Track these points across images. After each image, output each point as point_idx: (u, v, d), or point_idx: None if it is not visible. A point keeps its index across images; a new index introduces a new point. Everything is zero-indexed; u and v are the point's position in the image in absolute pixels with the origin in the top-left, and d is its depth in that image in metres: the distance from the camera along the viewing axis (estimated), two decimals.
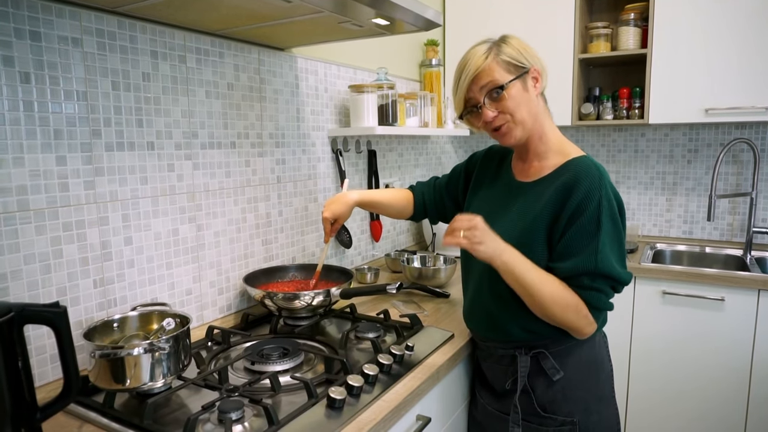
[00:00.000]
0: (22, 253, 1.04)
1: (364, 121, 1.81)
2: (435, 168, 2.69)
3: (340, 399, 0.97)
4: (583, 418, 1.14)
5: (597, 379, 1.17)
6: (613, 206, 1.07)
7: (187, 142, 1.36)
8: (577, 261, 1.06)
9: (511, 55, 1.11)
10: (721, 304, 1.97)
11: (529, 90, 1.13)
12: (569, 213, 1.07)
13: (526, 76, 1.12)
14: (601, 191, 1.05)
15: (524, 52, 1.12)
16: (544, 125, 1.17)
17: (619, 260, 1.07)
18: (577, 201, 1.06)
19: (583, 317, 1.07)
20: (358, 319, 1.48)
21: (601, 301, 1.07)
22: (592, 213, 1.05)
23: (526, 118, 1.13)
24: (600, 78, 2.64)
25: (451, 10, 2.61)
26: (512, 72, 1.11)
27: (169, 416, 0.98)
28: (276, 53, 1.63)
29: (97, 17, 1.14)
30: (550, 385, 1.14)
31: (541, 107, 1.16)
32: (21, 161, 1.03)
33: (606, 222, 1.05)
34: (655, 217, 2.61)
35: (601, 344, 1.21)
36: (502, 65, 1.11)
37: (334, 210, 1.39)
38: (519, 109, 1.12)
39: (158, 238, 1.30)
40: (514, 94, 1.11)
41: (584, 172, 1.08)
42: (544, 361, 1.14)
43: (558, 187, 1.10)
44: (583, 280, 1.06)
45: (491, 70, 1.11)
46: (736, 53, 2.05)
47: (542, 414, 1.14)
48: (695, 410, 2.06)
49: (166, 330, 1.07)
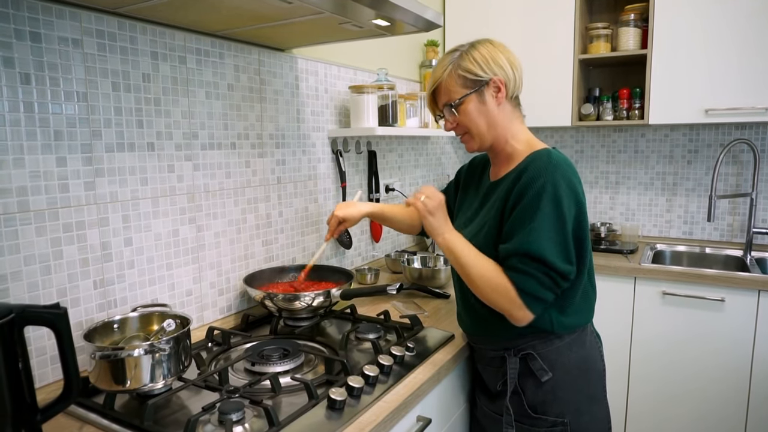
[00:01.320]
0: (23, 254, 1.04)
1: (364, 122, 1.81)
2: (435, 168, 2.69)
3: (340, 400, 0.97)
4: (574, 418, 1.14)
5: (587, 380, 1.17)
6: (558, 192, 1.04)
7: (187, 143, 1.36)
8: (511, 242, 1.06)
9: (468, 69, 1.12)
10: (721, 304, 1.97)
11: (487, 102, 1.13)
12: (515, 197, 1.07)
13: (484, 89, 1.13)
14: (547, 176, 1.04)
15: (485, 63, 1.11)
16: (512, 129, 1.17)
17: (556, 247, 1.04)
18: (523, 185, 1.06)
19: (510, 300, 1.05)
20: (358, 319, 1.48)
21: (530, 286, 1.04)
22: (533, 195, 1.04)
23: (482, 131, 1.15)
24: (600, 78, 2.64)
25: (451, 11, 2.61)
26: (468, 86, 1.13)
27: (170, 417, 0.97)
28: (276, 54, 1.63)
29: (98, 18, 1.14)
30: (539, 386, 1.15)
31: (506, 114, 1.16)
32: (21, 162, 1.03)
33: (546, 206, 1.03)
34: (655, 217, 2.61)
35: (593, 344, 1.21)
36: (459, 80, 1.13)
37: (346, 212, 1.43)
38: (474, 123, 1.15)
39: (158, 239, 1.30)
40: (468, 110, 1.14)
41: (534, 160, 1.09)
42: (533, 362, 1.14)
43: (512, 179, 1.11)
44: (513, 260, 1.06)
45: (447, 86, 1.15)
46: (736, 54, 2.05)
47: (533, 415, 1.15)
48: (695, 411, 2.06)
49: (167, 331, 1.07)
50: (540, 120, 2.45)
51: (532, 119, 2.46)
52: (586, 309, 1.18)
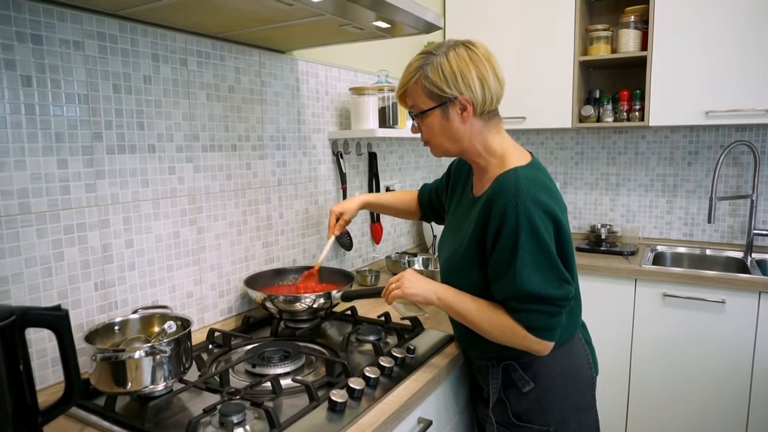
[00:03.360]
0: (24, 256, 1.04)
1: (364, 124, 1.81)
2: (435, 170, 2.69)
3: (341, 402, 0.97)
4: (560, 427, 1.13)
5: (574, 389, 1.16)
6: (534, 222, 0.99)
7: (188, 145, 1.36)
8: (501, 285, 1.05)
9: (434, 82, 1.05)
10: (721, 306, 1.97)
11: (450, 119, 1.07)
12: (492, 235, 1.04)
13: (448, 106, 1.06)
14: (518, 209, 0.99)
15: (453, 79, 1.04)
16: (484, 143, 1.11)
17: (548, 278, 1.01)
18: (496, 223, 1.02)
19: (522, 338, 1.04)
20: (359, 321, 1.48)
21: (537, 321, 1.02)
22: (508, 234, 1.01)
23: (444, 144, 1.12)
24: (600, 80, 2.64)
25: (451, 12, 2.62)
26: (433, 100, 1.07)
27: (171, 419, 0.97)
28: (277, 56, 1.63)
29: (99, 20, 1.14)
30: (522, 396, 1.14)
31: (476, 129, 1.09)
32: (22, 164, 1.03)
33: (525, 241, 1.00)
34: (656, 219, 2.61)
35: (580, 353, 1.18)
36: (424, 91, 1.07)
37: (343, 205, 1.46)
38: (435, 136, 1.11)
39: (159, 240, 1.30)
40: (431, 123, 1.10)
41: (502, 187, 1.03)
42: (514, 373, 1.14)
43: (482, 205, 1.07)
44: (511, 303, 1.04)
45: (413, 93, 1.09)
46: (736, 55, 2.05)
47: (518, 423, 1.14)
48: (696, 413, 2.05)
49: (168, 333, 1.07)
50: (540, 122, 2.45)
51: (533, 121, 2.47)
52: (571, 324, 1.16)
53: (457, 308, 1.10)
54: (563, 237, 1.05)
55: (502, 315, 1.05)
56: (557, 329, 1.05)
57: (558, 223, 1.03)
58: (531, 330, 1.03)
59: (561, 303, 1.03)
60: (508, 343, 1.07)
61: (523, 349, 1.06)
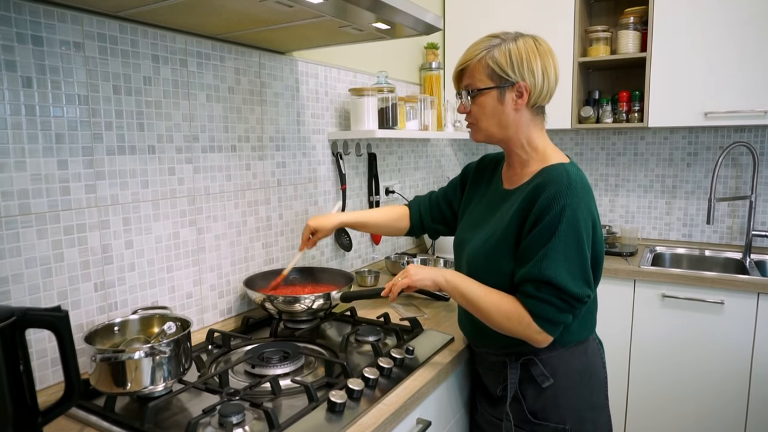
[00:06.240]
0: (24, 257, 1.04)
1: (364, 125, 1.81)
2: (435, 171, 2.70)
3: (340, 403, 0.97)
4: (575, 425, 1.13)
5: (590, 387, 1.16)
6: (577, 216, 1.02)
7: (188, 146, 1.36)
8: (526, 267, 1.05)
9: (498, 62, 1.08)
10: (720, 307, 1.97)
11: (505, 103, 1.10)
12: (533, 219, 1.05)
13: (506, 90, 1.09)
14: (566, 199, 1.01)
15: (518, 64, 1.07)
16: (529, 135, 1.13)
17: (573, 272, 1.02)
18: (541, 206, 1.03)
19: (526, 325, 1.04)
20: (358, 322, 1.48)
21: (546, 312, 1.03)
22: (551, 219, 1.02)
23: (491, 129, 1.13)
24: (600, 81, 2.65)
25: (451, 13, 2.62)
26: (493, 80, 1.09)
27: (170, 420, 0.98)
28: (276, 57, 1.63)
29: (99, 22, 1.14)
30: (540, 392, 1.14)
31: (524, 119, 1.12)
32: (23, 165, 1.03)
33: (564, 230, 1.01)
34: (655, 220, 2.62)
35: (595, 352, 1.19)
36: (486, 70, 1.09)
37: (318, 221, 1.42)
38: (485, 117, 1.12)
39: (159, 241, 1.31)
40: (484, 103, 1.11)
41: (553, 177, 1.05)
42: (533, 368, 1.14)
43: (528, 193, 1.08)
44: (527, 287, 1.04)
45: (474, 71, 1.11)
46: (736, 57, 2.06)
47: (533, 420, 1.14)
48: (695, 413, 2.06)
49: (167, 333, 1.07)
50: None
51: None
52: (590, 321, 1.18)
53: (465, 291, 1.10)
54: (597, 241, 1.08)
55: (511, 301, 1.06)
56: (561, 326, 1.07)
57: (596, 228, 1.07)
58: (536, 318, 1.04)
59: (574, 301, 1.04)
60: (509, 331, 1.07)
61: (522, 337, 1.07)
